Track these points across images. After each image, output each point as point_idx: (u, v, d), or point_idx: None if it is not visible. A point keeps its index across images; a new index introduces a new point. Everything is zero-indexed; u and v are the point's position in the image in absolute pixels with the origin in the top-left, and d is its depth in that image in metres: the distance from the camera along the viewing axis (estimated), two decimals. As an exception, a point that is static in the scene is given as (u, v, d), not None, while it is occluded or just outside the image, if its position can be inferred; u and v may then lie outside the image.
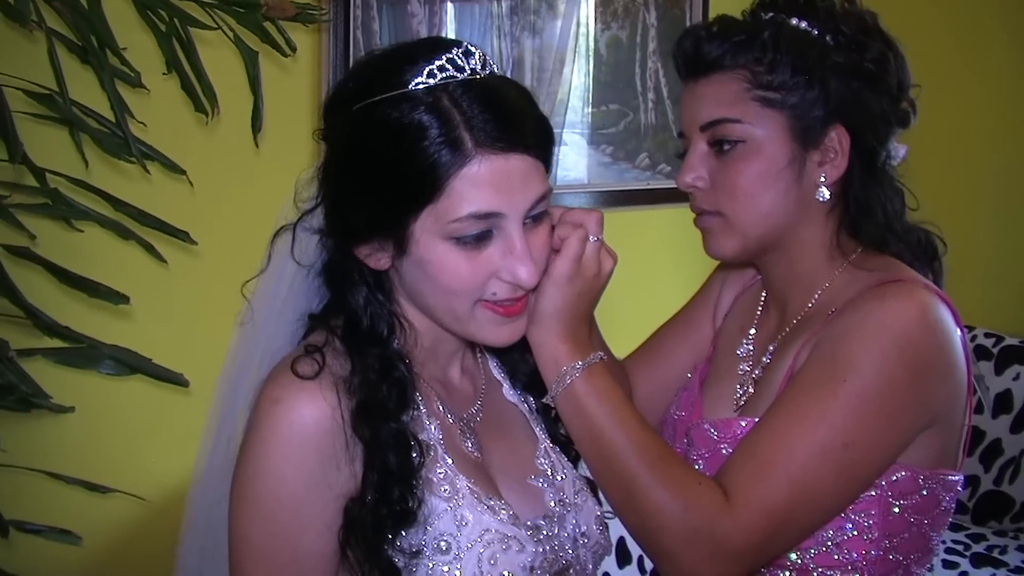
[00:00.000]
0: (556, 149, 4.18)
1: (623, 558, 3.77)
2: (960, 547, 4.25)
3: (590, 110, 4.37)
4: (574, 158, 4.35)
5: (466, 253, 1.50)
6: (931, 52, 4.87)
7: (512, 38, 4.07)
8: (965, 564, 4.14)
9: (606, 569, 3.71)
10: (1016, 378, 4.59)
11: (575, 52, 4.29)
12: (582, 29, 4.30)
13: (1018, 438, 4.50)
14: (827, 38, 1.77)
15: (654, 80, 4.45)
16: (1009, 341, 4.71)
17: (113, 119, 2.42)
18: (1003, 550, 4.24)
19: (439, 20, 3.84)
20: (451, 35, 3.88)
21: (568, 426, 1.70)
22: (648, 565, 3.84)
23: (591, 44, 4.33)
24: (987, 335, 4.74)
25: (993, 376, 4.64)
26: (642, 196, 4.36)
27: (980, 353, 4.70)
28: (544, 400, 1.71)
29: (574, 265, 1.61)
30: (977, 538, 4.36)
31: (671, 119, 4.44)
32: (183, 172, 2.56)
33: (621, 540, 3.72)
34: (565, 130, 4.30)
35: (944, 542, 4.26)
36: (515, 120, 1.51)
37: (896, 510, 1.70)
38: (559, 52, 4.24)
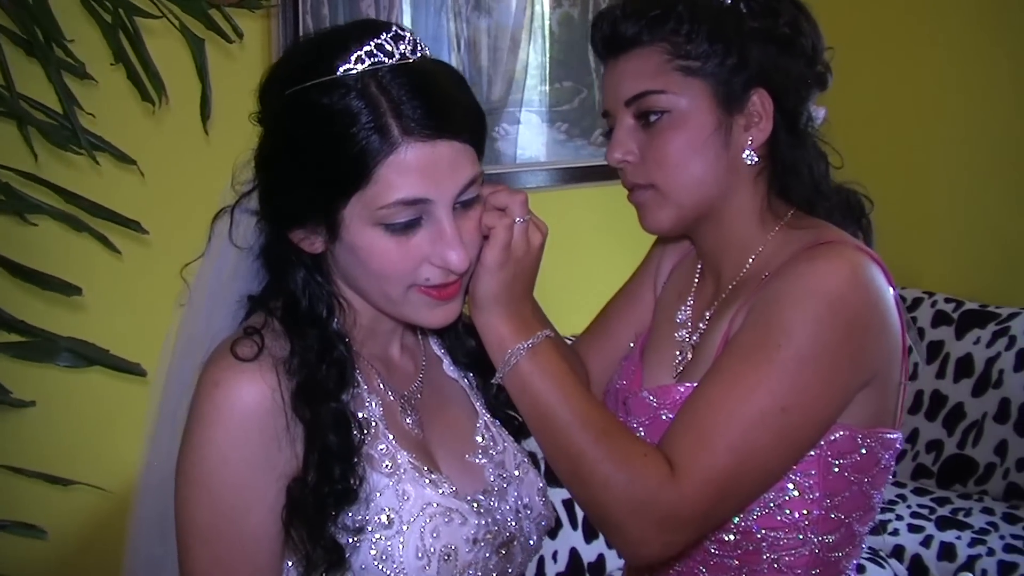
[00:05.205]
0: (515, 127, 4.18)
1: (590, 533, 3.79)
2: (925, 511, 4.29)
3: (545, 88, 4.39)
4: (530, 136, 4.37)
5: (396, 239, 1.51)
6: (891, 17, 4.94)
7: (465, 19, 4.08)
8: (931, 527, 4.18)
9: (573, 544, 3.74)
10: (976, 342, 4.63)
11: (529, 31, 4.30)
12: (535, 8, 4.31)
13: (979, 401, 4.54)
14: (740, 6, 1.78)
15: (607, 56, 4.47)
16: (969, 306, 4.74)
17: (61, 111, 2.42)
18: (968, 512, 4.29)
19: (390, 1, 3.84)
20: (405, 18, 3.88)
21: (517, 405, 1.71)
22: (616, 539, 3.85)
23: (544, 22, 4.35)
24: (947, 300, 4.78)
25: (954, 341, 4.67)
26: (598, 172, 4.37)
27: (940, 318, 4.74)
28: (493, 381, 1.72)
29: (503, 252, 1.61)
30: (942, 501, 4.40)
31: (626, 95, 4.45)
32: (133, 162, 2.57)
33: (588, 515, 3.74)
34: (522, 109, 4.31)
35: (910, 506, 4.31)
36: (443, 106, 1.51)
37: (836, 469, 1.72)
38: (513, 31, 4.26)
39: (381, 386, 1.66)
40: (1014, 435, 4.41)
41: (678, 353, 1.92)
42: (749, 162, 1.80)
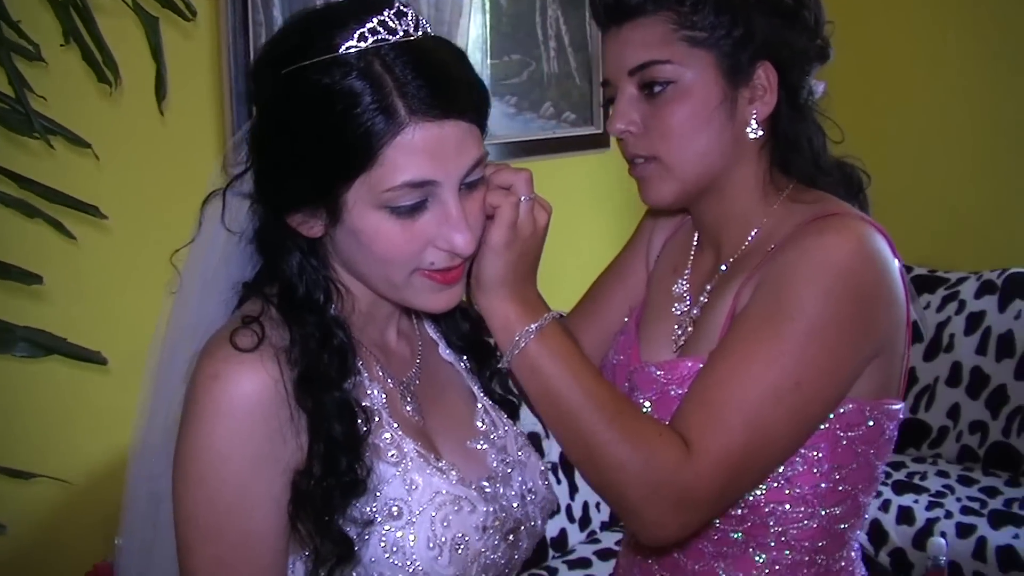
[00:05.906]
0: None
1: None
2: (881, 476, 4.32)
3: (491, 61, 4.34)
4: (477, 110, 4.31)
5: (401, 222, 1.47)
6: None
7: (408, -10, 4.01)
8: (888, 492, 4.22)
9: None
10: (926, 307, 4.68)
11: (471, 3, 4.24)
12: (480, -21, 4.26)
13: (931, 366, 4.61)
14: None
15: (555, 28, 4.43)
16: (918, 271, 4.80)
17: (12, 95, 2.35)
18: (923, 476, 4.34)
19: (338, -23, 3.77)
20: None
21: (525, 388, 1.68)
22: (576, 513, 3.86)
23: (488, -6, 4.30)
24: (896, 265, 4.82)
25: (904, 306, 4.72)
26: (548, 145, 4.30)
27: (890, 284, 4.79)
28: (500, 365, 1.69)
29: (510, 232, 1.58)
30: (897, 466, 4.45)
31: (574, 67, 4.43)
32: (88, 145, 2.50)
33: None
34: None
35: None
36: (449, 85, 1.47)
37: (844, 442, 1.72)
38: (456, 3, 4.20)
39: (381, 373, 1.62)
40: (966, 398, 4.48)
41: (677, 327, 1.90)
42: (753, 136, 1.79)
